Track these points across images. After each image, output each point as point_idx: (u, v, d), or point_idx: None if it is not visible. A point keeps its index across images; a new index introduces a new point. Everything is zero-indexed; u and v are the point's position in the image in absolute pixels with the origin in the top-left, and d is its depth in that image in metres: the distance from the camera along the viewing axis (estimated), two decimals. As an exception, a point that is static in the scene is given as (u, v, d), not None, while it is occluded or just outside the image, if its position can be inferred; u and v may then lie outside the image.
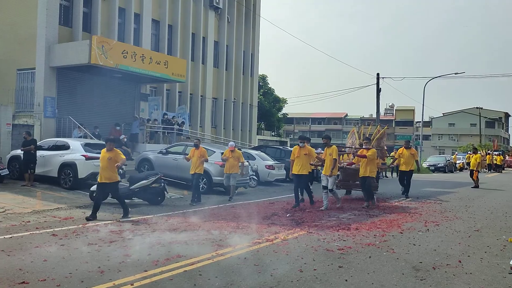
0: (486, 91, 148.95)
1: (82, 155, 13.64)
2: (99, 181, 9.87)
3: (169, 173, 14.96)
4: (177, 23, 24.39)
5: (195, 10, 25.72)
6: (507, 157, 48.97)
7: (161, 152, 16.76)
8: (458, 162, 40.84)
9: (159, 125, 21.68)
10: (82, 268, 5.76)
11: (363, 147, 13.21)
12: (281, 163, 19.41)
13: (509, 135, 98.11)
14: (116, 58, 17.33)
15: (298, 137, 13.08)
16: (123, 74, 18.98)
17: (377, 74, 34.26)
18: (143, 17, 22.06)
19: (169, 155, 16.30)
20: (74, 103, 18.88)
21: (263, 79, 45.54)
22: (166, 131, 21.96)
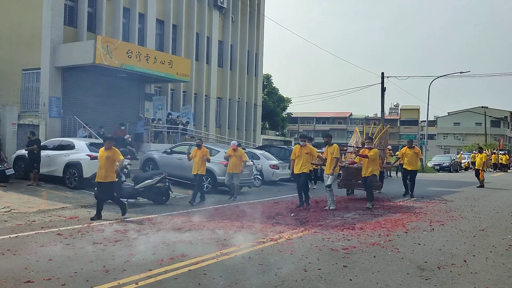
0: (492, 90, 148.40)
1: (87, 154, 13.69)
2: (96, 180, 9.81)
3: (173, 173, 14.99)
4: (181, 23, 24.43)
5: (200, 10, 25.76)
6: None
7: (165, 152, 16.79)
8: (463, 161, 40.67)
9: (163, 125, 21.73)
10: (87, 267, 5.78)
11: (365, 146, 13.03)
12: (285, 162, 19.39)
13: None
14: (121, 58, 17.39)
15: (299, 135, 12.96)
16: (127, 74, 19.05)
17: (382, 73, 34.16)
18: (147, 17, 22.11)
19: (174, 154, 16.33)
20: (79, 103, 18.95)
21: (267, 78, 45.50)
22: (171, 130, 22.02)
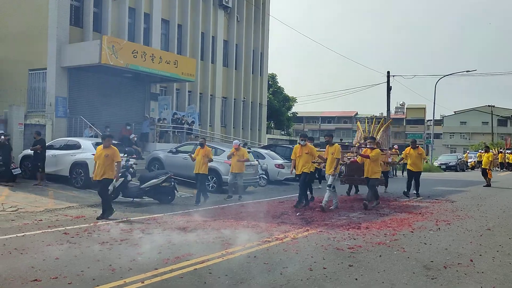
0: (499, 89, 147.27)
1: (93, 154, 13.65)
2: (94, 178, 9.64)
3: (179, 172, 15.02)
4: (186, 23, 24.46)
5: (205, 10, 25.78)
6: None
7: (171, 152, 16.83)
8: (469, 160, 40.47)
9: (169, 125, 21.78)
10: (94, 266, 5.81)
11: (367, 146, 12.81)
12: (290, 162, 19.35)
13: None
14: (126, 58, 17.44)
15: (300, 135, 12.83)
16: (133, 73, 19.10)
17: (388, 72, 33.99)
18: (153, 16, 22.16)
19: (179, 154, 16.36)
20: (85, 103, 19.03)
21: (272, 78, 45.50)
22: (176, 130, 22.07)
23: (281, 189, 16.95)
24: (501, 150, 41.38)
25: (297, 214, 10.52)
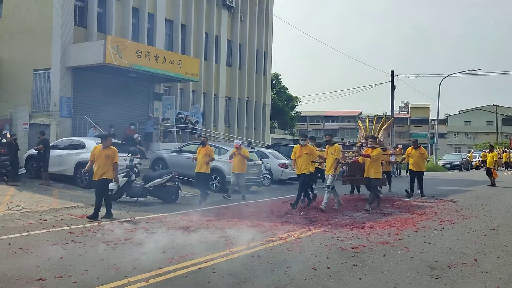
0: (503, 88, 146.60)
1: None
2: (96, 178, 9.45)
3: (183, 172, 15.03)
4: (190, 23, 24.51)
5: (208, 9, 25.81)
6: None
7: (175, 151, 16.87)
8: (474, 160, 40.33)
9: (173, 124, 21.83)
10: (98, 265, 5.84)
11: (368, 145, 12.49)
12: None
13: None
14: (130, 58, 17.49)
15: (300, 134, 12.71)
16: (137, 73, 19.15)
17: (392, 72, 33.96)
18: (156, 17, 22.21)
19: (183, 154, 16.39)
20: (89, 103, 19.09)
21: (276, 77, 45.52)
22: (180, 130, 22.11)
23: (284, 189, 16.95)
24: (505, 149, 41.16)
25: (301, 213, 10.52)
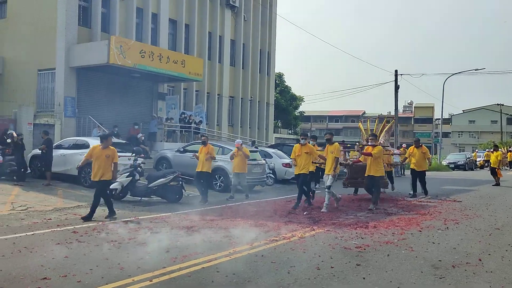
0: (508, 87, 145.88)
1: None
2: (96, 179, 9.31)
3: (186, 171, 15.01)
4: (193, 22, 24.53)
5: (212, 9, 25.84)
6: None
7: (178, 151, 16.89)
8: (478, 159, 40.21)
9: (176, 124, 21.86)
10: (102, 264, 5.85)
11: (369, 144, 12.22)
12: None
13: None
14: (134, 58, 17.54)
15: (300, 133, 12.57)
16: (141, 73, 19.20)
17: (395, 71, 33.90)
18: (160, 16, 22.26)
19: (187, 153, 16.39)
20: (94, 103, 19.16)
21: (279, 77, 45.51)
22: (184, 129, 22.15)
23: (288, 188, 16.93)
24: (510, 149, 40.98)
25: (304, 213, 10.51)
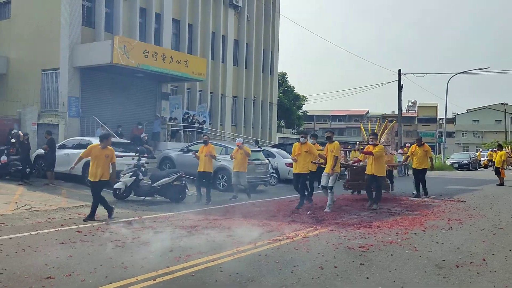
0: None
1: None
2: (94, 179, 9.18)
3: (190, 171, 15.07)
4: (197, 22, 24.56)
5: (215, 9, 25.85)
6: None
7: (182, 150, 16.91)
8: (482, 159, 40.07)
9: (180, 124, 21.90)
10: (106, 264, 5.87)
11: (370, 143, 11.93)
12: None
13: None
14: (138, 58, 17.57)
15: (299, 132, 12.41)
16: (144, 73, 19.23)
17: (399, 71, 33.82)
18: (163, 16, 22.29)
19: (190, 153, 16.39)
20: (97, 103, 19.22)
21: (283, 76, 45.50)
22: (187, 129, 22.18)
23: (291, 188, 16.83)
24: (514, 148, 40.80)
25: (308, 212, 10.51)
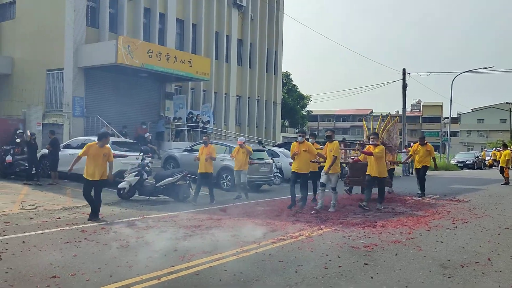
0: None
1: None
2: (92, 179, 9.09)
3: (194, 171, 15.06)
4: (201, 22, 24.58)
5: (219, 9, 25.87)
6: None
7: (186, 150, 16.93)
8: (487, 158, 39.93)
9: (184, 124, 21.93)
10: (111, 263, 5.89)
11: (370, 143, 11.64)
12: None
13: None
14: (142, 58, 17.61)
15: (298, 131, 12.25)
16: (148, 73, 19.28)
17: (403, 70, 33.71)
18: (167, 16, 22.33)
19: (194, 153, 16.40)
20: (102, 103, 19.28)
21: (286, 76, 45.46)
22: (191, 129, 22.21)
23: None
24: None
25: (312, 212, 10.49)
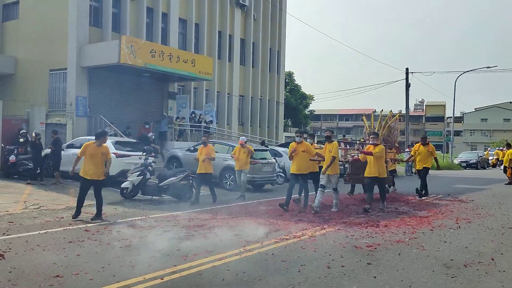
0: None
1: (112, 153, 13.84)
2: (89, 178, 9.09)
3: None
4: (203, 22, 24.60)
5: (222, 8, 25.87)
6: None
7: (189, 150, 16.95)
8: (490, 158, 39.82)
9: (187, 123, 21.95)
10: (114, 262, 5.90)
11: (370, 142, 11.42)
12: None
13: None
14: (145, 58, 17.63)
15: (296, 131, 12.16)
16: (151, 73, 19.30)
17: (406, 69, 33.68)
18: (170, 16, 22.34)
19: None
20: (105, 102, 19.32)
21: (289, 75, 45.44)
22: (194, 129, 22.23)
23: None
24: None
25: (314, 212, 10.48)
